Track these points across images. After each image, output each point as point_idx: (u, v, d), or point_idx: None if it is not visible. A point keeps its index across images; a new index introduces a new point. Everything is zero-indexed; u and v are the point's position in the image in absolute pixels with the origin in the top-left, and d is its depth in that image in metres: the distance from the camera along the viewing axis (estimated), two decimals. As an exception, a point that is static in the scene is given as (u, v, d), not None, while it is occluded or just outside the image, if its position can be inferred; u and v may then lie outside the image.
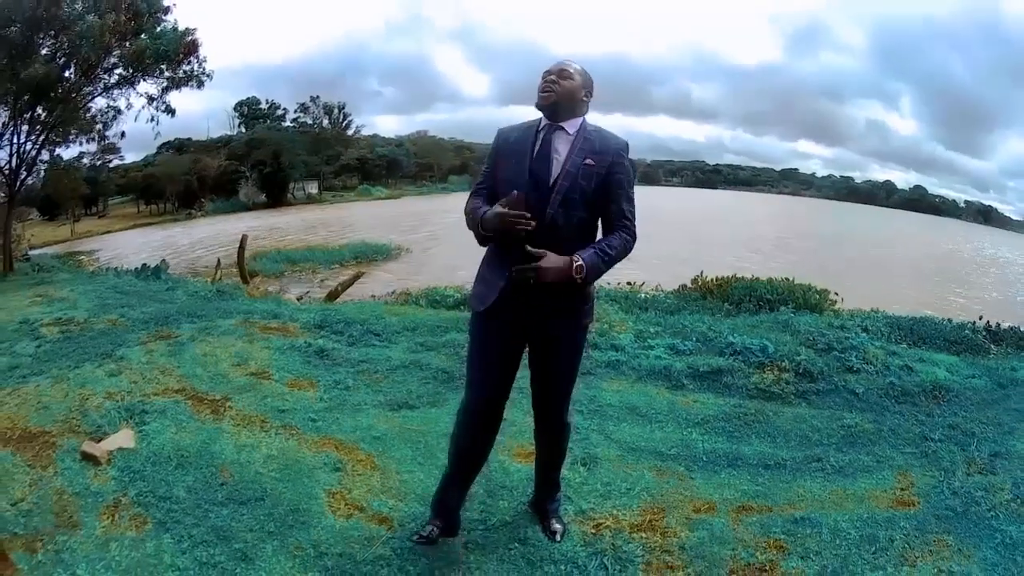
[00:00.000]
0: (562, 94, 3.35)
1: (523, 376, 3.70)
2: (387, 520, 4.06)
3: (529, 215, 3.18)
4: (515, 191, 3.22)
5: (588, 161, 3.33)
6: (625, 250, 3.41)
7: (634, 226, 3.45)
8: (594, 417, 5.56)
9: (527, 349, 3.66)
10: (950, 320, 8.94)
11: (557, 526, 3.96)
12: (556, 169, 3.34)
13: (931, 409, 5.76)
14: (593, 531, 3.93)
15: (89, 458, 4.81)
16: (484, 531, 3.93)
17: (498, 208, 3.26)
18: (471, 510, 4.08)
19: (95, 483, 4.51)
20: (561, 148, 3.38)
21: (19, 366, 7.06)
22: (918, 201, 67.83)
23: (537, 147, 3.40)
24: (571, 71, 3.41)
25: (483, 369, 3.63)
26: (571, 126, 3.41)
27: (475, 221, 3.42)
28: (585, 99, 3.47)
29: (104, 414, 5.60)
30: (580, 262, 3.24)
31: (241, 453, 4.82)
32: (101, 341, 7.63)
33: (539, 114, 3.47)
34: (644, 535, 3.90)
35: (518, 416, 5.24)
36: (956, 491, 4.39)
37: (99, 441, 5.07)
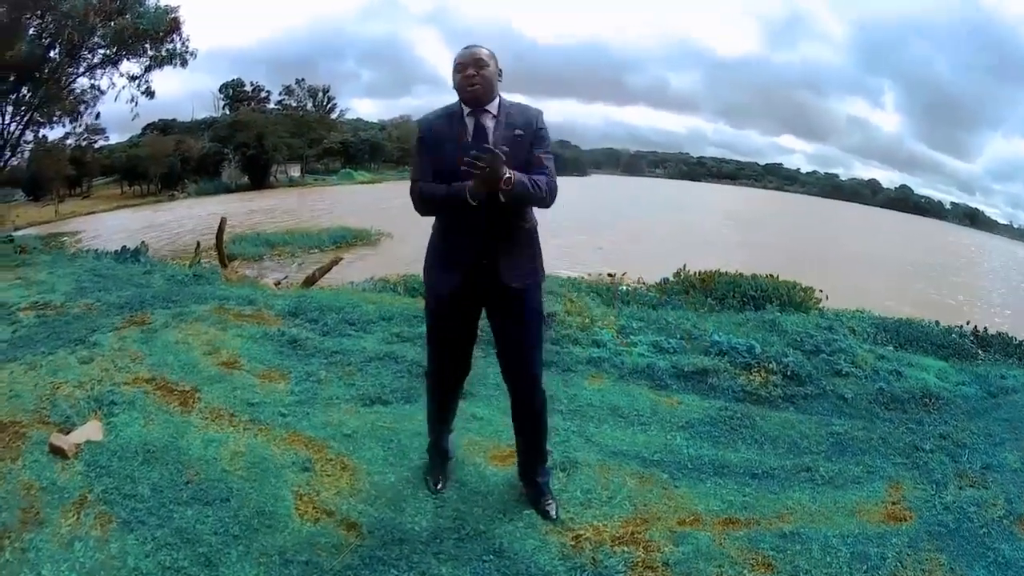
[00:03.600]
0: (484, 84, 3.58)
1: (497, 371, 3.65)
2: (356, 526, 3.91)
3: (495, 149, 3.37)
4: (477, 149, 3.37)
5: (517, 132, 3.59)
6: (549, 190, 3.59)
7: (554, 179, 3.65)
8: (574, 418, 5.41)
9: (488, 321, 3.94)
10: (937, 323, 9.00)
11: (550, 504, 4.02)
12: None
13: (921, 417, 5.68)
14: (572, 543, 3.77)
15: (57, 451, 4.69)
16: (457, 540, 3.78)
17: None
18: (444, 517, 3.97)
19: (62, 478, 4.37)
20: (491, 127, 3.62)
21: (-7, 352, 6.94)
22: (903, 201, 68.35)
23: (471, 131, 3.61)
24: (485, 58, 3.61)
25: (444, 351, 4.00)
26: (493, 107, 3.65)
27: (434, 193, 3.62)
28: (500, 79, 3.71)
29: (74, 404, 5.45)
30: (509, 175, 3.38)
31: (208, 449, 4.65)
32: (76, 326, 7.48)
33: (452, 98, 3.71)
34: (626, 549, 3.75)
35: (495, 416, 5.21)
36: (948, 506, 4.29)
37: (67, 433, 4.94)
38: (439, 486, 4.22)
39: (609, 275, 13.24)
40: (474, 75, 3.54)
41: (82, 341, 6.79)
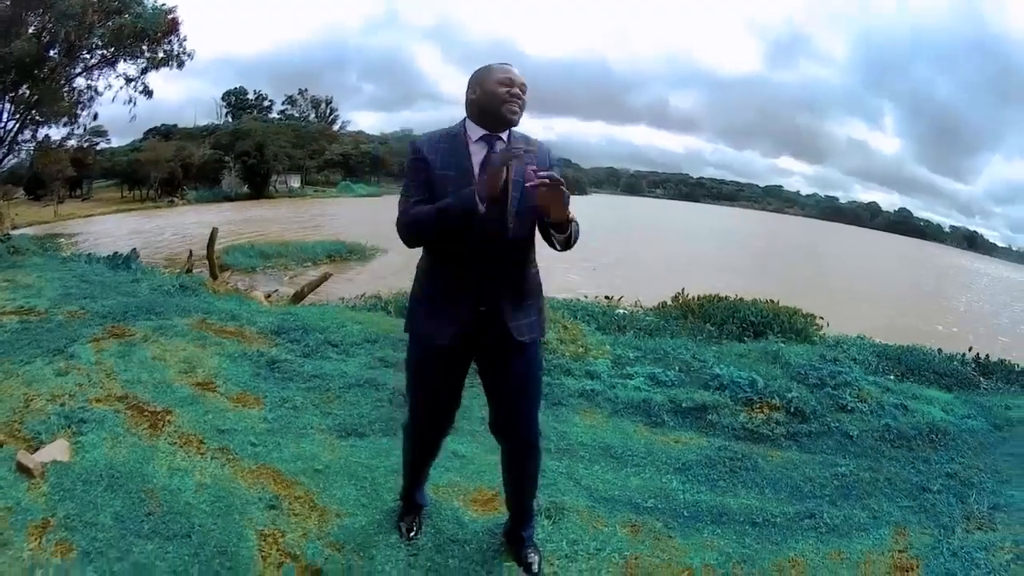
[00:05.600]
0: (523, 109, 3.21)
1: (483, 403, 3.40)
2: (320, 574, 3.67)
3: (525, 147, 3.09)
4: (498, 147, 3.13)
5: (532, 167, 3.04)
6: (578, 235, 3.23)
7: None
8: (563, 457, 5.16)
9: (478, 369, 3.58)
10: (940, 350, 9.02)
11: (533, 557, 3.76)
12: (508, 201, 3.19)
13: (928, 455, 5.51)
14: (556, 602, 3.48)
15: (24, 470, 4.53)
16: (431, 595, 3.49)
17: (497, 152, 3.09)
18: (417, 567, 3.72)
19: (26, 498, 4.21)
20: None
21: (-27, 359, 6.89)
22: (903, 224, 68.97)
23: (481, 158, 3.19)
24: (525, 81, 3.22)
25: (431, 402, 3.66)
26: (505, 133, 3.25)
27: (432, 214, 3.12)
28: None
29: (44, 419, 5.30)
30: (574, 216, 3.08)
31: (173, 478, 4.44)
32: (57, 335, 7.33)
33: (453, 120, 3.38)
34: (614, 608, 3.45)
35: (478, 453, 4.99)
36: (956, 552, 4.11)
37: (34, 451, 4.79)
38: (412, 534, 3.98)
39: (606, 298, 13.08)
40: (520, 96, 3.16)
41: (61, 351, 6.67)
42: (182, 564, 3.59)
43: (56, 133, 28.41)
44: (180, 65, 23.53)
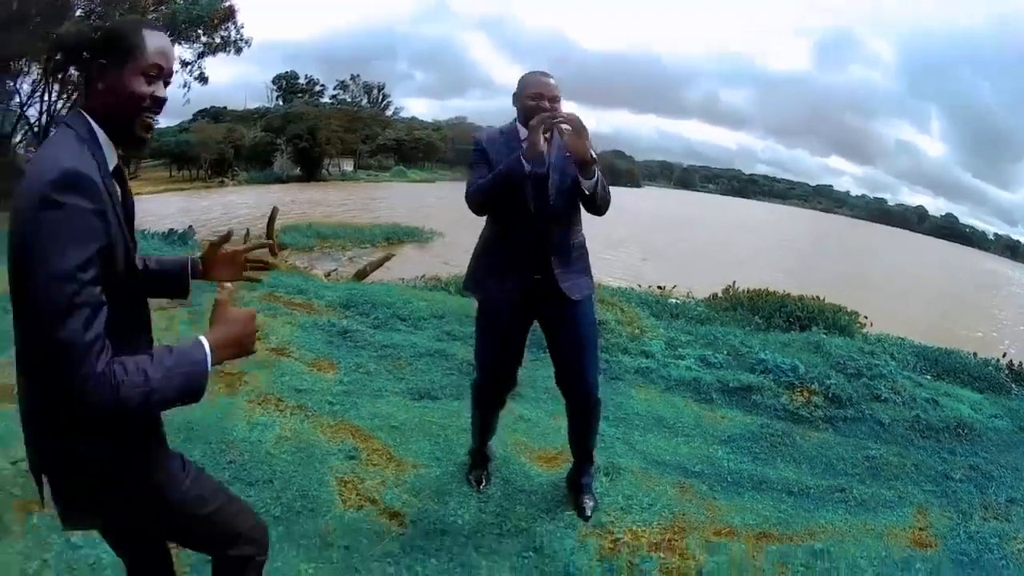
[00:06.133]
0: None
1: (547, 374, 3.66)
2: (399, 516, 3.98)
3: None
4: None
5: (567, 154, 3.59)
6: (608, 193, 3.67)
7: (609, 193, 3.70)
8: (620, 425, 5.48)
9: (542, 331, 4.05)
10: (975, 355, 8.96)
11: (588, 503, 4.14)
12: (546, 166, 3.63)
13: (954, 447, 5.68)
14: (611, 546, 3.84)
15: None
16: (498, 536, 3.86)
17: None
18: (487, 512, 4.05)
19: None
20: (544, 148, 3.56)
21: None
22: (948, 229, 67.67)
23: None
24: (558, 93, 3.67)
25: (494, 356, 4.07)
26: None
27: (489, 180, 3.63)
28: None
29: None
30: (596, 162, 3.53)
31: (253, 431, 4.73)
32: None
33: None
34: (662, 555, 3.81)
35: (543, 418, 5.29)
36: (972, 536, 4.33)
37: None
38: (482, 485, 4.34)
39: (659, 288, 13.28)
40: (548, 109, 3.55)
41: None
42: (264, 506, 3.84)
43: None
44: (238, 51, 23.31)
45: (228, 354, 1.85)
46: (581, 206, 3.74)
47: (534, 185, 3.59)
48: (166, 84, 1.86)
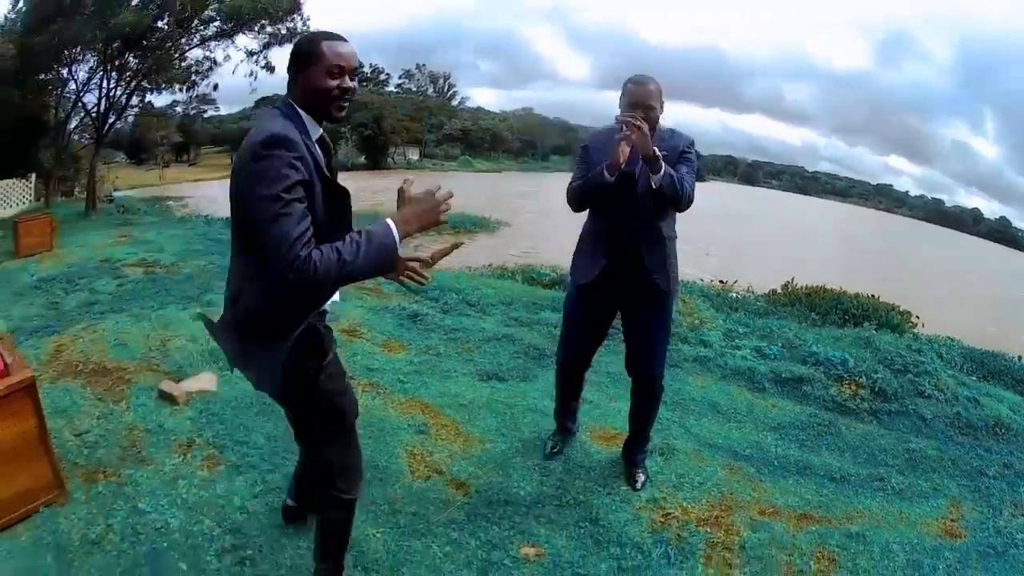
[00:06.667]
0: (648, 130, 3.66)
1: (609, 359, 3.81)
2: (464, 486, 4.25)
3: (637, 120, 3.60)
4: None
5: (663, 152, 3.72)
6: (685, 188, 3.76)
7: (692, 189, 3.83)
8: (676, 409, 5.72)
9: (621, 316, 4.29)
10: (1020, 358, 9.07)
11: (640, 476, 4.45)
12: (638, 165, 3.78)
13: (990, 445, 5.75)
14: (661, 520, 4.08)
15: (166, 397, 5.04)
16: (557, 507, 4.11)
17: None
18: (547, 485, 4.31)
19: (169, 422, 4.75)
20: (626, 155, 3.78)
21: (97, 303, 7.42)
22: (1002, 233, 66.38)
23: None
24: (653, 102, 3.81)
25: (576, 334, 4.39)
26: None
27: (587, 182, 3.90)
28: (662, 111, 3.89)
29: (187, 356, 5.87)
30: (663, 160, 3.69)
31: None
32: (187, 285, 7.89)
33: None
34: (709, 530, 4.04)
35: (604, 401, 5.54)
36: (1000, 530, 4.43)
37: (179, 381, 5.29)
38: (554, 450, 4.68)
39: (721, 281, 13.44)
40: (631, 123, 3.65)
41: (195, 299, 7.23)
42: (333, 476, 4.17)
43: (160, 100, 28.82)
44: (303, 42, 23.37)
45: (415, 227, 2.36)
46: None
47: (624, 183, 3.81)
48: (351, 78, 2.41)
